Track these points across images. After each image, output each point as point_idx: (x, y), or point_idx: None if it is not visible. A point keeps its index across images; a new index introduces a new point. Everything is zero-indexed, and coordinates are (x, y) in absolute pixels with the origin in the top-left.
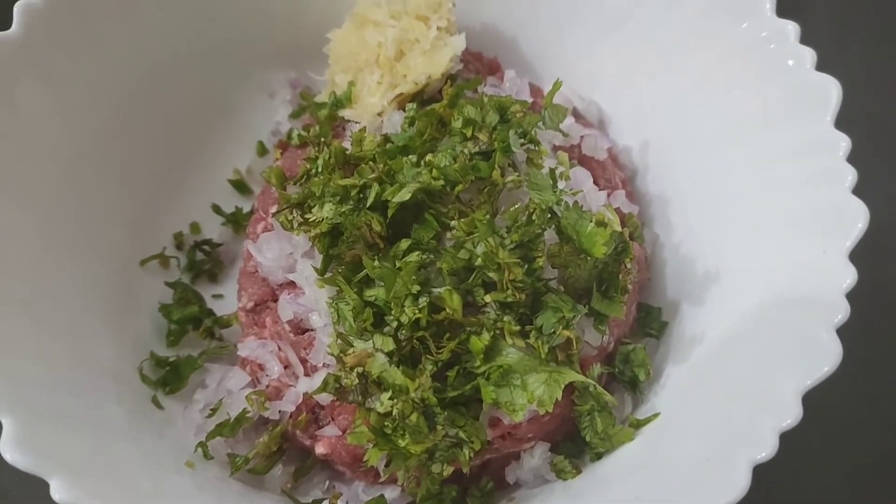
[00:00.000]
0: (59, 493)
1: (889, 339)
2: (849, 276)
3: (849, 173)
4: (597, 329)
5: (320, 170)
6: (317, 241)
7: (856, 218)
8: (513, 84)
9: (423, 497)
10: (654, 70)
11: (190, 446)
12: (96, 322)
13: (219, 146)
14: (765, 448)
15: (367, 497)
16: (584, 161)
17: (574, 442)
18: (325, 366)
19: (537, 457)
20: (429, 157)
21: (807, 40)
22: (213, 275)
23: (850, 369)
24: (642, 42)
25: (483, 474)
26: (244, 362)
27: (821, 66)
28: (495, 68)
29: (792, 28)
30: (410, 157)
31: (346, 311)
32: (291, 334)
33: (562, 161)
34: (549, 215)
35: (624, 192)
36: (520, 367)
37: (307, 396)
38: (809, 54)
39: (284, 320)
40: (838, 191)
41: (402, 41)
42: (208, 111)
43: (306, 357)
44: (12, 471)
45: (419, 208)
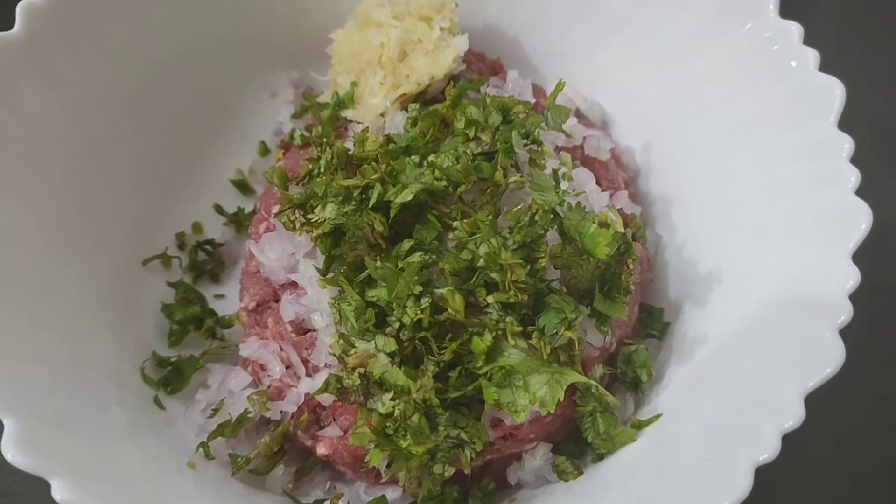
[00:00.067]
0: (60, 493)
1: (892, 339)
2: (852, 277)
3: (852, 174)
4: (599, 330)
5: (323, 170)
6: (319, 241)
7: (859, 219)
8: (515, 85)
9: (424, 498)
10: (657, 71)
11: (191, 446)
12: (98, 322)
13: (221, 146)
14: (767, 449)
15: (368, 498)
16: (587, 162)
17: (576, 443)
18: (326, 366)
19: (539, 457)
20: (431, 157)
21: (810, 41)
22: (215, 275)
23: (852, 370)
24: (645, 43)
25: (484, 475)
26: (246, 362)
27: (824, 68)
28: (498, 69)
29: (795, 29)
30: (413, 157)
31: (349, 311)
32: (293, 334)
33: (564, 162)
34: (551, 216)
35: (626, 192)
36: (522, 367)
37: (309, 397)
38: (813, 55)
39: (286, 320)
40: (841, 192)
41: (405, 42)
42: (210, 111)
43: (308, 357)
44: (13, 471)
45: (421, 209)
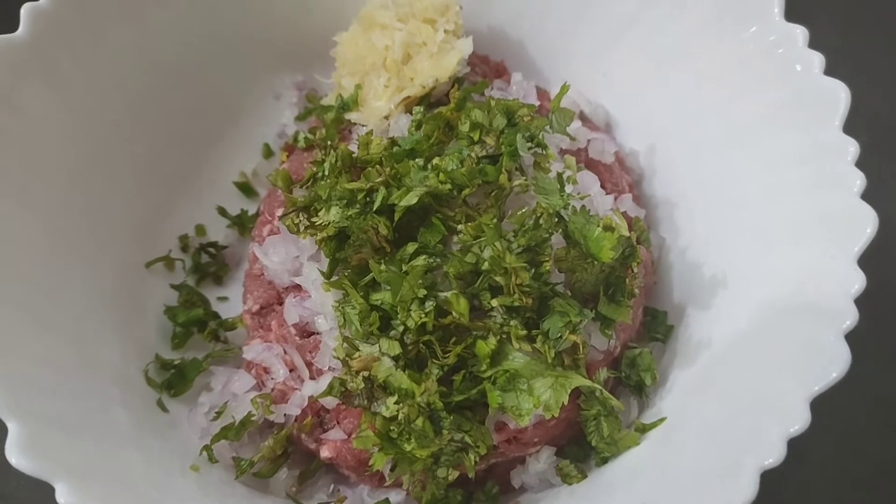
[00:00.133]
0: (64, 497)
1: (892, 340)
2: (857, 281)
3: (857, 178)
4: (603, 333)
5: (327, 173)
6: (323, 244)
7: (864, 223)
8: (519, 87)
9: (428, 501)
10: (662, 73)
11: (195, 449)
12: (102, 325)
13: (224, 148)
14: (773, 454)
15: (371, 501)
16: (591, 164)
17: (580, 446)
18: (330, 369)
19: (543, 461)
20: (436, 160)
21: (815, 44)
22: (218, 277)
23: (852, 370)
24: (649, 46)
25: (488, 478)
26: (249, 365)
27: (829, 71)
28: (502, 71)
29: (800, 32)
30: (417, 160)
31: (353, 314)
32: (297, 337)
33: (569, 165)
34: (556, 219)
35: (631, 195)
36: (526, 371)
37: (312, 400)
38: (818, 59)
39: (290, 323)
40: (847, 195)
41: (410, 44)
42: (214, 113)
43: (312, 360)
44: (17, 474)
45: (426, 212)
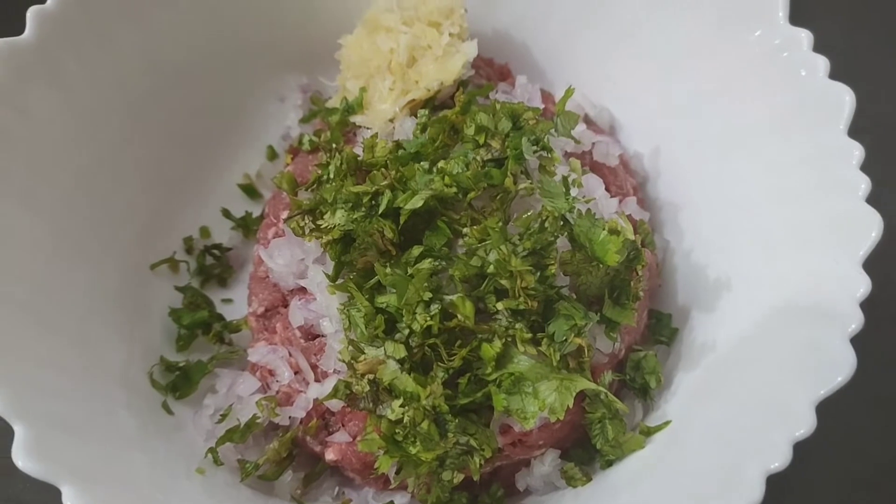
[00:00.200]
0: (71, 500)
1: (893, 341)
2: (862, 285)
3: (862, 182)
4: (608, 336)
5: (332, 176)
6: (328, 247)
7: (869, 227)
8: (524, 90)
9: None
10: (666, 77)
11: (200, 452)
12: (107, 327)
13: (229, 150)
14: (778, 458)
15: (376, 503)
16: (596, 167)
17: (584, 449)
18: (335, 372)
19: (548, 464)
20: (441, 163)
21: (820, 48)
22: (223, 279)
23: (858, 372)
24: (654, 49)
25: (493, 481)
26: (254, 367)
27: (834, 74)
28: (506, 74)
29: (805, 36)
30: (422, 163)
31: (358, 317)
32: (302, 340)
33: (574, 168)
34: (561, 223)
35: (635, 198)
36: (531, 374)
37: (317, 402)
38: (822, 62)
39: (295, 326)
40: (851, 199)
41: (415, 47)
42: (218, 115)
43: (317, 363)
44: (22, 476)
45: (431, 215)
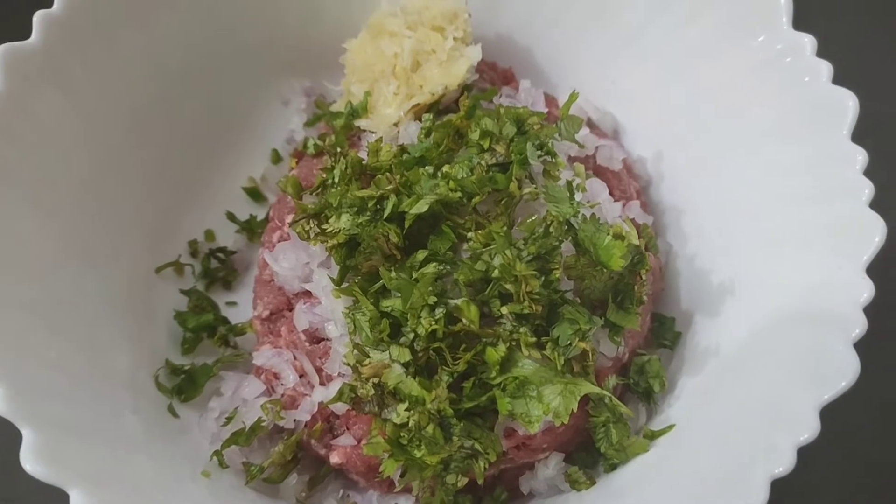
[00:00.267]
0: None
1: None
2: (866, 290)
3: (865, 187)
4: (612, 340)
5: (337, 180)
6: (334, 251)
7: (872, 232)
8: (528, 94)
9: None
10: (669, 81)
11: (205, 455)
12: (113, 330)
13: (233, 154)
14: (783, 463)
15: None
16: (599, 171)
17: (588, 452)
18: (340, 375)
19: (552, 467)
20: (446, 168)
21: (823, 53)
22: (227, 282)
23: (863, 378)
24: (657, 53)
25: (497, 484)
26: (259, 371)
27: (837, 79)
28: (510, 78)
29: (808, 41)
30: (427, 168)
31: (363, 321)
32: (307, 343)
33: (578, 172)
34: (566, 227)
35: (638, 202)
36: (535, 378)
37: (322, 406)
38: (826, 67)
39: (300, 329)
40: (855, 204)
41: (419, 52)
42: (223, 119)
43: (322, 366)
44: (25, 478)
45: (436, 219)
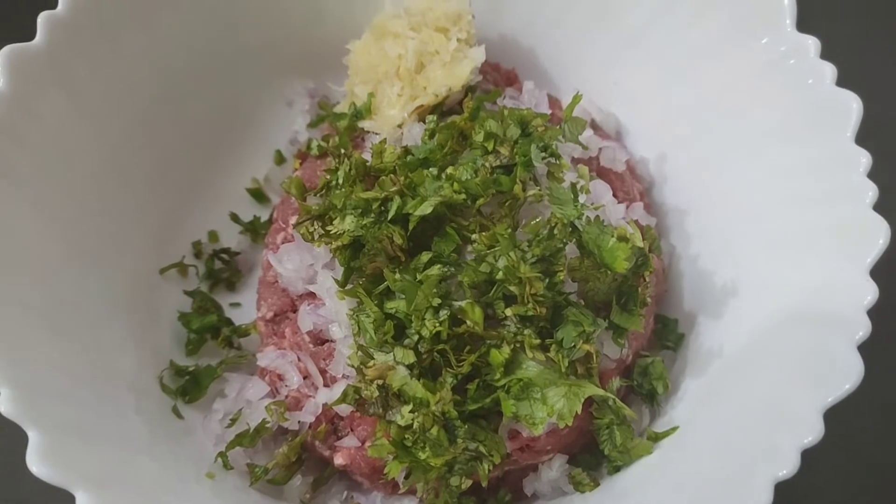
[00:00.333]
0: None
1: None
2: (870, 292)
3: (869, 189)
4: (616, 342)
5: (341, 182)
6: (338, 253)
7: (876, 234)
8: (531, 96)
9: None
10: (673, 83)
11: (209, 456)
12: (118, 331)
13: (236, 154)
14: (786, 465)
15: None
16: (603, 173)
17: (592, 454)
18: (344, 377)
19: (555, 469)
20: (450, 170)
21: (827, 55)
22: (231, 283)
23: (866, 380)
24: (660, 55)
25: (501, 486)
26: (263, 372)
27: (841, 81)
28: (513, 79)
29: (812, 43)
30: (431, 170)
31: (367, 323)
32: (311, 345)
33: (582, 174)
34: (570, 230)
35: (642, 203)
36: (540, 380)
37: (326, 407)
38: (829, 69)
39: (304, 331)
40: (858, 206)
41: (423, 53)
42: (226, 120)
43: (326, 368)
44: (30, 479)
45: (440, 221)
